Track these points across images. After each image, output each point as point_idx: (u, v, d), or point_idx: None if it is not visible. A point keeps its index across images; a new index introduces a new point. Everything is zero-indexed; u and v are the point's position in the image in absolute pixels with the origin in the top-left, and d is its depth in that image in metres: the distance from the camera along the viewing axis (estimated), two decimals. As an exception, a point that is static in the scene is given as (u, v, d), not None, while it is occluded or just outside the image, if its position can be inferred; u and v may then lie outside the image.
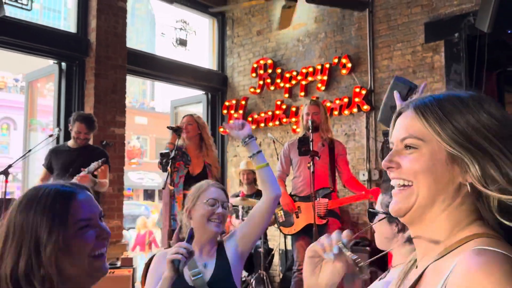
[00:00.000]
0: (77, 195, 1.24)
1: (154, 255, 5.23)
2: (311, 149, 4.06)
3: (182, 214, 2.28)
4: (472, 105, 0.89)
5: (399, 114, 0.98)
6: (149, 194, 28.04)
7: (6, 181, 3.96)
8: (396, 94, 2.05)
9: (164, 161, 4.19)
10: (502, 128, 0.87)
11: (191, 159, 4.45)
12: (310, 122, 4.24)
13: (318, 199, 4.17)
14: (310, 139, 4.12)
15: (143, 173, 26.81)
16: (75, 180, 4.04)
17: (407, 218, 0.94)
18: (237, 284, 2.17)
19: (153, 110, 31.58)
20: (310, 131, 4.18)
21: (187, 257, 1.82)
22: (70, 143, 4.68)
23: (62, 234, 1.15)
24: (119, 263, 5.03)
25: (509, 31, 4.57)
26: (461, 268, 0.78)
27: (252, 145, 2.20)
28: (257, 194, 5.19)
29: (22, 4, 5.44)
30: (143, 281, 4.99)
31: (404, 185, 0.93)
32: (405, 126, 0.94)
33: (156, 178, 25.49)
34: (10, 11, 5.51)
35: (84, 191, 1.29)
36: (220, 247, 2.22)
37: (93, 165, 4.11)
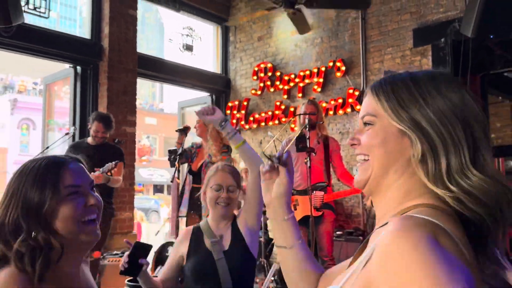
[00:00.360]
0: (68, 164, 1.28)
1: (163, 244, 5.30)
2: (308, 145, 4.10)
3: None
4: (423, 85, 0.88)
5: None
6: (158, 189, 28.13)
7: None
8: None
9: (172, 157, 4.24)
10: (453, 111, 0.85)
11: (202, 154, 4.44)
12: (307, 121, 4.26)
13: (314, 192, 4.19)
14: (307, 137, 4.15)
15: (152, 169, 26.87)
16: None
17: (366, 190, 0.94)
18: (254, 253, 2.23)
19: (161, 111, 31.67)
20: (307, 129, 4.21)
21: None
22: (89, 140, 4.67)
23: (52, 198, 1.19)
24: (130, 252, 5.07)
25: (491, 36, 4.59)
26: (385, 231, 0.77)
27: (228, 127, 2.17)
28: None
29: (40, 12, 5.47)
30: (153, 267, 5.05)
31: (364, 160, 0.93)
32: (364, 105, 0.95)
33: (165, 174, 25.54)
34: (29, 19, 5.55)
35: (76, 162, 1.33)
36: (234, 221, 2.26)
37: (107, 166, 4.13)
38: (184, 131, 4.35)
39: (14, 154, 23.74)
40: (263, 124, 6.87)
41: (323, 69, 6.31)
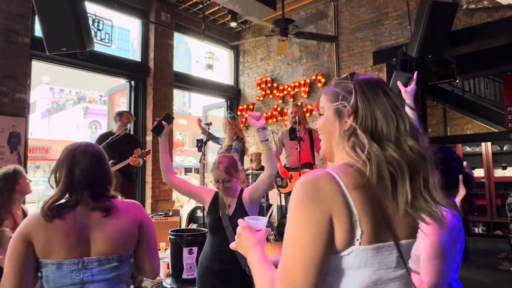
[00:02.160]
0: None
1: (194, 207, 5.29)
2: (298, 136, 4.09)
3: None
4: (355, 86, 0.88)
5: None
6: (187, 170, 28.24)
7: None
8: (399, 83, 1.98)
9: (199, 144, 4.24)
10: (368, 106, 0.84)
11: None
12: (297, 118, 4.25)
13: (303, 169, 4.19)
14: (297, 130, 4.14)
15: (184, 157, 26.97)
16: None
17: (327, 158, 0.95)
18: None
19: (190, 114, 31.65)
20: (297, 124, 4.20)
21: None
22: (115, 130, 4.39)
23: None
24: (170, 213, 5.10)
25: (430, 56, 4.55)
26: None
27: (262, 133, 2.09)
28: (262, 169, 5.21)
29: (104, 42, 5.47)
30: (187, 224, 5.05)
31: (321, 138, 0.96)
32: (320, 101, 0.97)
33: (192, 160, 25.63)
34: (97, 47, 5.55)
35: None
36: (240, 194, 2.22)
37: (142, 152, 4.09)
38: (208, 125, 4.35)
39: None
40: (264, 122, 6.84)
41: (308, 81, 6.29)
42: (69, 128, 26.17)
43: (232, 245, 0.98)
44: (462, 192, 1.50)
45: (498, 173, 7.85)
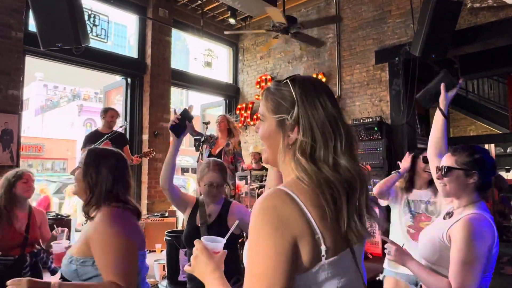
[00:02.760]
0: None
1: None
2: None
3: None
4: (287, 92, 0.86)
5: None
6: (184, 170, 28.19)
7: (66, 158, 3.96)
8: (443, 85, 1.78)
9: (197, 144, 4.23)
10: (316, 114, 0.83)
11: (218, 141, 4.40)
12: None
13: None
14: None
15: (181, 156, 26.90)
16: None
17: (272, 165, 0.94)
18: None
19: (188, 113, 31.60)
20: None
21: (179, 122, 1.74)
22: (100, 129, 4.44)
23: None
24: (167, 214, 5.09)
25: (433, 56, 4.55)
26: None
27: None
28: (262, 169, 5.22)
29: (100, 38, 5.45)
30: (184, 225, 5.04)
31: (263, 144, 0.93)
32: (260, 106, 0.94)
33: (189, 160, 25.58)
34: (93, 44, 5.54)
35: None
36: (225, 206, 2.09)
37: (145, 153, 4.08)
38: (206, 124, 4.34)
39: (81, 144, 23.74)
40: (263, 121, 6.83)
41: (308, 80, 6.27)
42: (63, 126, 26.09)
43: (187, 268, 0.94)
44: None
45: (502, 175, 7.87)
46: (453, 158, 1.50)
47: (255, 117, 6.96)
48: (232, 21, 6.22)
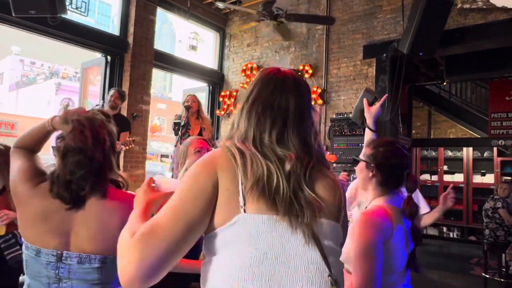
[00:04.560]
0: None
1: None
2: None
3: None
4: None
5: None
6: (164, 156, 27.92)
7: None
8: (365, 101, 2.00)
9: (176, 127, 4.11)
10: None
11: (192, 125, 4.26)
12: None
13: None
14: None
15: (161, 143, 26.57)
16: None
17: None
18: None
19: (170, 99, 31.18)
20: None
21: None
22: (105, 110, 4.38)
23: None
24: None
25: (421, 53, 4.56)
26: None
27: None
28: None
29: (80, 11, 5.23)
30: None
31: None
32: None
33: (169, 147, 25.30)
34: (74, 17, 5.31)
35: None
36: None
37: (126, 142, 3.95)
38: (188, 108, 4.22)
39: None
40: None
41: (295, 70, 6.20)
42: (39, 104, 25.26)
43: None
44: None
45: (477, 179, 8.08)
46: (365, 149, 1.52)
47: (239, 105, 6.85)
48: (220, 4, 6.06)
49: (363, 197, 1.60)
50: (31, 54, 30.35)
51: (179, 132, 3.94)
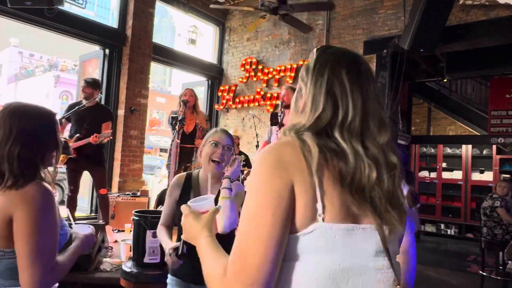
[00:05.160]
0: None
1: (164, 189, 5.15)
2: (278, 121, 3.98)
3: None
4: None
5: None
6: (162, 150, 27.89)
7: (61, 128, 3.77)
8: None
9: (174, 122, 4.07)
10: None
11: (187, 121, 4.18)
12: (280, 102, 4.15)
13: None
14: (279, 114, 4.02)
15: (160, 137, 26.53)
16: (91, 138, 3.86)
17: None
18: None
19: (169, 93, 31.06)
20: (283, 108, 4.10)
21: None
22: (84, 101, 4.15)
23: None
24: (139, 193, 4.95)
25: (422, 50, 4.52)
26: None
27: (226, 182, 1.70)
28: (240, 154, 5.12)
29: (78, 3, 5.17)
30: (156, 206, 4.93)
31: None
32: None
33: (169, 141, 25.26)
34: (70, 8, 5.25)
35: None
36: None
37: (104, 134, 3.86)
38: (185, 103, 4.18)
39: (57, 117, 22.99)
40: (246, 105, 6.73)
41: (294, 66, 6.18)
42: (37, 97, 25.14)
43: (183, 236, 0.90)
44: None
45: (476, 176, 8.07)
46: None
47: (237, 100, 6.82)
48: (219, 0, 6.01)
49: None
50: (30, 46, 30.16)
51: (176, 127, 3.90)
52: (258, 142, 4.64)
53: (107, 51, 5.63)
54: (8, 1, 3.13)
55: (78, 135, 4.00)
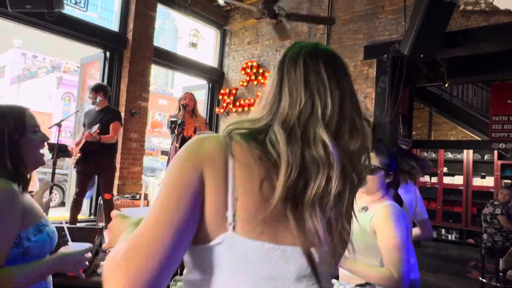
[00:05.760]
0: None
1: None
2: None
3: None
4: None
5: None
6: (164, 153, 27.90)
7: (59, 131, 3.78)
8: None
9: (173, 126, 4.07)
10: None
11: (186, 125, 4.17)
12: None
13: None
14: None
15: (161, 138, 26.55)
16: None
17: None
18: None
19: (171, 95, 31.14)
20: None
21: None
22: (94, 106, 4.30)
23: None
24: (138, 197, 4.95)
25: (421, 55, 4.51)
26: None
27: None
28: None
29: (79, 6, 5.19)
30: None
31: None
32: None
33: (170, 143, 25.31)
34: (71, 12, 5.26)
35: None
36: None
37: (94, 128, 3.86)
38: (185, 107, 4.18)
39: (57, 119, 23.01)
40: (246, 108, 6.72)
41: (294, 70, 6.16)
42: (40, 98, 25.24)
43: (104, 245, 0.81)
44: None
45: (477, 181, 8.03)
46: (378, 158, 1.63)
47: (237, 103, 6.82)
48: (221, 1, 6.02)
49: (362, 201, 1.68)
50: (33, 47, 30.30)
51: (175, 131, 3.90)
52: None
53: (107, 53, 5.64)
54: (8, 5, 3.15)
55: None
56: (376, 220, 1.49)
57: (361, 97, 5.53)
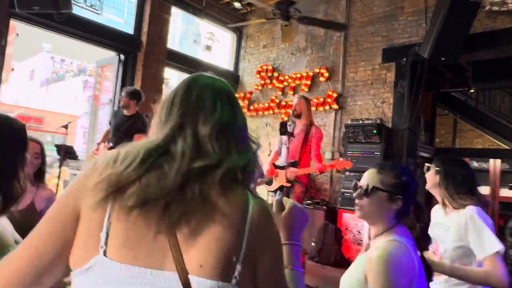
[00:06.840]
0: None
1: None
2: (287, 130, 3.82)
3: None
4: None
5: None
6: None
7: (66, 133, 3.77)
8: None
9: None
10: None
11: None
12: (291, 111, 4.00)
13: (289, 168, 3.88)
14: (288, 124, 3.86)
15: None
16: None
17: None
18: None
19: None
20: (294, 117, 3.95)
21: None
22: (125, 110, 4.18)
23: None
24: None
25: (443, 59, 4.26)
26: None
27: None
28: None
29: (94, 9, 5.23)
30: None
31: None
32: None
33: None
34: (88, 15, 5.32)
35: None
36: None
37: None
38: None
39: (83, 120, 23.66)
40: (260, 113, 6.60)
41: (310, 74, 6.01)
42: (66, 100, 26.00)
43: None
44: None
45: (504, 192, 7.58)
46: (378, 176, 1.27)
47: (252, 107, 6.71)
48: (237, 4, 5.95)
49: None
50: (62, 51, 31.35)
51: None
52: (270, 151, 4.47)
53: (122, 56, 5.67)
54: (16, 6, 3.16)
55: (111, 144, 3.97)
56: (368, 266, 1.15)
57: (378, 101, 5.31)
